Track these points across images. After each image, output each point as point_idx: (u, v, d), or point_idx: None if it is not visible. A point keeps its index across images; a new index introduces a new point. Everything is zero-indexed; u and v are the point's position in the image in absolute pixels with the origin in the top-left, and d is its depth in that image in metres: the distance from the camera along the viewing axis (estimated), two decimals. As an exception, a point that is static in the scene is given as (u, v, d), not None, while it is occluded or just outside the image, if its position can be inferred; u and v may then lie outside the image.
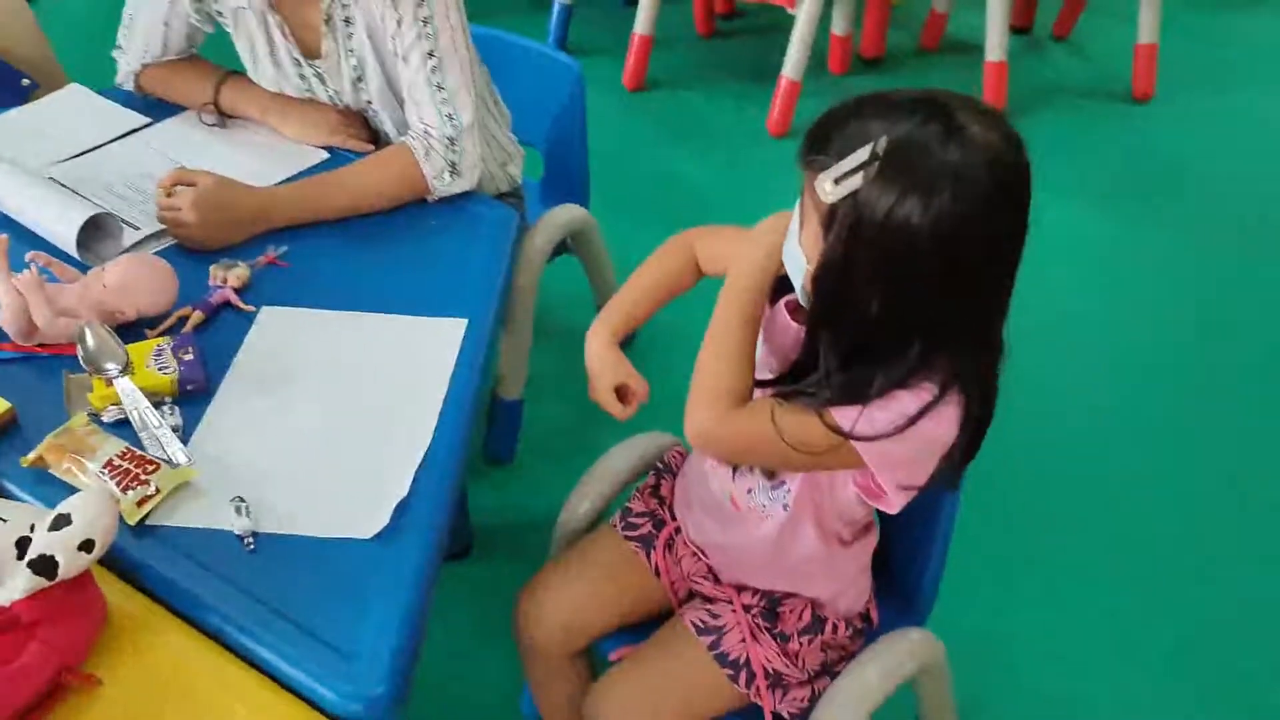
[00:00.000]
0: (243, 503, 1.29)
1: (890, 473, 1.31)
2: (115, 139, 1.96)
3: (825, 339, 1.27)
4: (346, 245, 1.78)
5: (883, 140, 1.13)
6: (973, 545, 1.84)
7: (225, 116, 2.02)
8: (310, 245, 1.76)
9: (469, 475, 2.09)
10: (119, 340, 1.46)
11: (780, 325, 1.42)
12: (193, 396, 1.45)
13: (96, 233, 1.69)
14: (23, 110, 2.05)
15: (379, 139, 2.04)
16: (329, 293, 1.66)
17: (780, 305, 1.42)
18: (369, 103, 1.98)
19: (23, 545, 1.12)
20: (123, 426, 1.39)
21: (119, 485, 1.28)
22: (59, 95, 2.09)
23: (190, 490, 1.32)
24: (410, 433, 1.43)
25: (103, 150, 1.93)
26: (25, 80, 2.27)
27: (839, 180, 1.15)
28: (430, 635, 1.27)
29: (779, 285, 1.39)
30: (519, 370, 2.42)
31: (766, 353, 1.43)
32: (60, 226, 1.67)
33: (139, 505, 1.27)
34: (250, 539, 1.27)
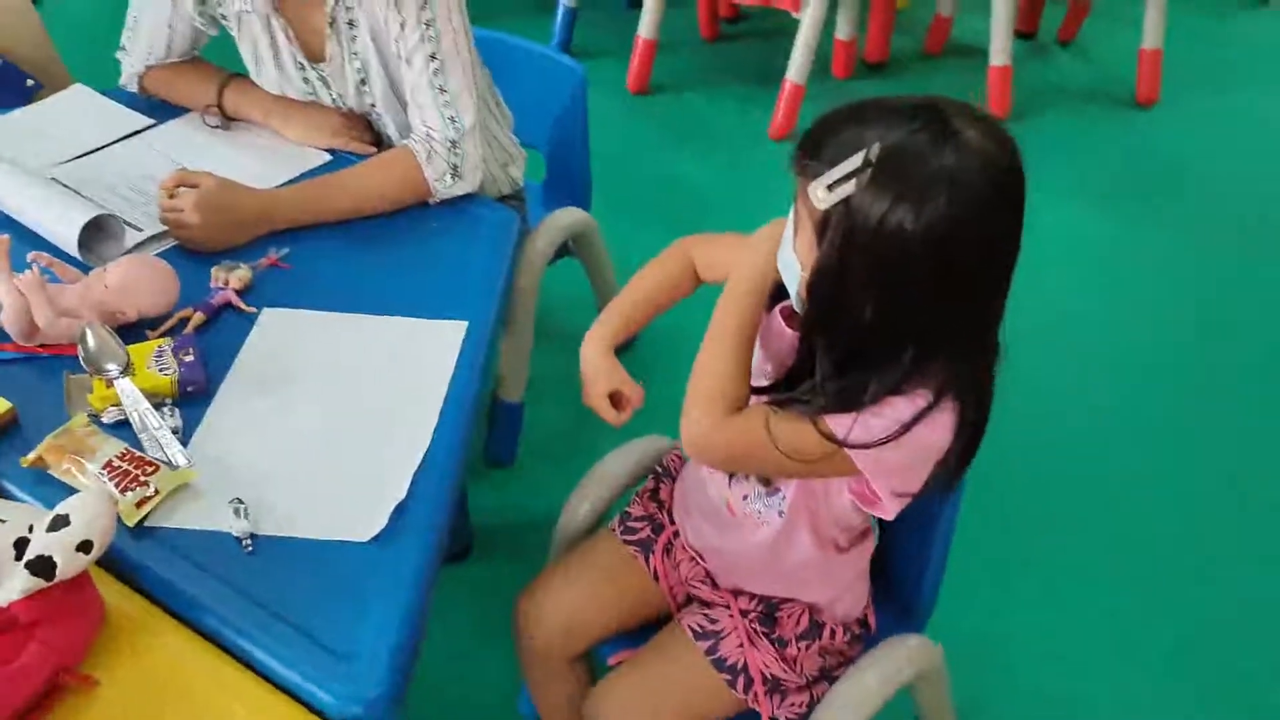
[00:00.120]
0: (241, 504, 1.29)
1: (885, 479, 1.30)
2: (118, 140, 1.97)
3: (820, 345, 1.26)
4: (348, 247, 1.78)
5: (875, 146, 1.13)
6: (972, 546, 1.84)
7: (228, 119, 2.03)
8: (312, 247, 1.76)
9: (469, 476, 2.10)
10: (120, 341, 1.46)
11: (776, 331, 1.42)
12: (193, 398, 1.45)
13: (98, 233, 1.70)
14: (26, 110, 2.06)
15: (382, 142, 2.04)
16: (330, 294, 1.66)
17: (776, 311, 1.42)
18: (372, 106, 1.98)
19: (21, 546, 1.13)
20: (123, 427, 1.39)
21: (118, 486, 1.28)
22: (63, 96, 2.10)
23: (189, 492, 1.32)
24: (409, 435, 1.43)
25: (106, 151, 1.94)
26: (30, 81, 2.27)
27: (832, 187, 1.15)
28: (429, 636, 1.27)
29: (775, 291, 1.39)
30: (520, 373, 2.43)
31: (763, 359, 1.43)
32: (62, 227, 1.67)
33: (138, 506, 1.27)
34: (248, 541, 1.27)
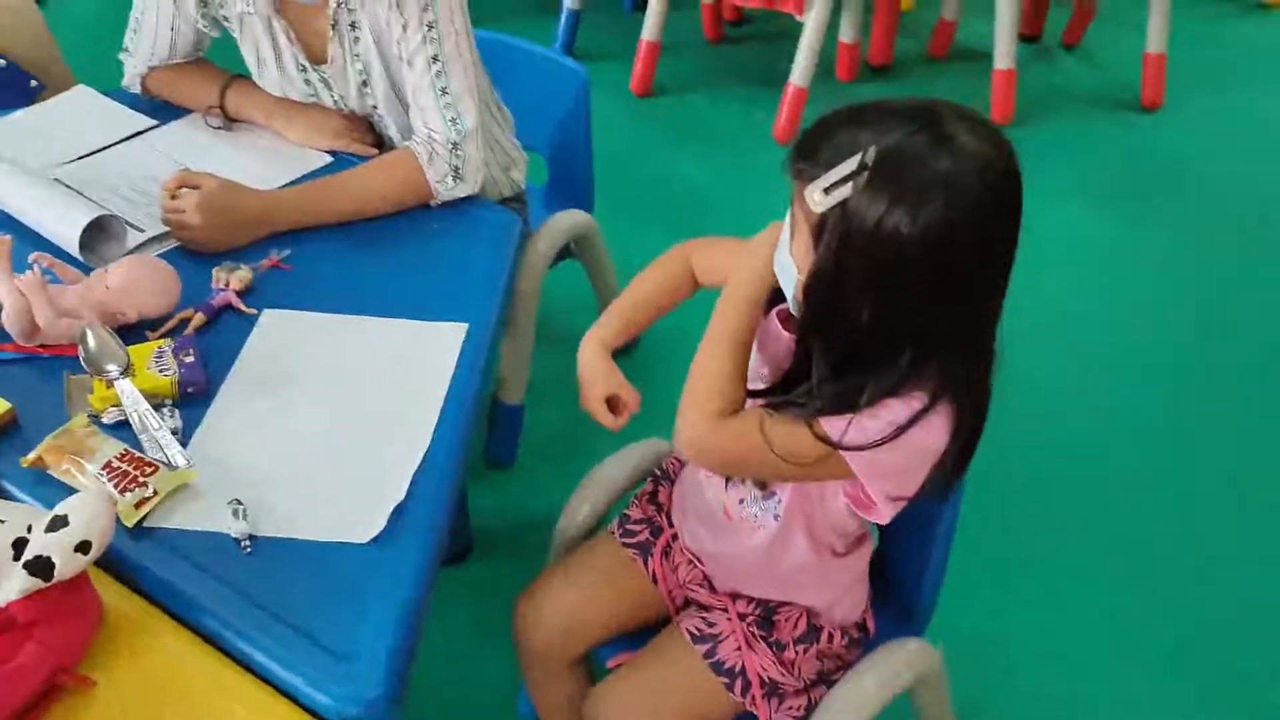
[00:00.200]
0: (240, 505, 1.29)
1: (880, 483, 1.30)
2: (121, 141, 1.97)
3: (816, 348, 1.26)
4: (349, 249, 1.79)
5: (871, 150, 1.13)
6: (971, 546, 1.83)
7: (230, 120, 2.03)
8: (313, 249, 1.77)
9: (469, 478, 2.10)
10: (120, 342, 1.46)
11: (772, 334, 1.41)
12: (193, 399, 1.45)
13: (100, 234, 1.70)
14: (29, 111, 2.06)
15: (383, 143, 2.04)
16: (331, 296, 1.66)
17: (772, 314, 1.42)
18: (374, 107, 1.98)
19: (19, 546, 1.13)
20: (123, 428, 1.40)
21: (117, 487, 1.28)
22: (66, 97, 2.10)
23: (189, 492, 1.32)
24: (409, 436, 1.43)
25: (108, 152, 1.94)
26: (33, 81, 2.28)
27: (828, 190, 1.15)
28: (429, 636, 1.28)
29: (772, 295, 1.39)
30: (520, 375, 2.43)
31: (759, 362, 1.43)
32: (63, 228, 1.68)
33: (137, 507, 1.27)
34: (247, 542, 1.27)
